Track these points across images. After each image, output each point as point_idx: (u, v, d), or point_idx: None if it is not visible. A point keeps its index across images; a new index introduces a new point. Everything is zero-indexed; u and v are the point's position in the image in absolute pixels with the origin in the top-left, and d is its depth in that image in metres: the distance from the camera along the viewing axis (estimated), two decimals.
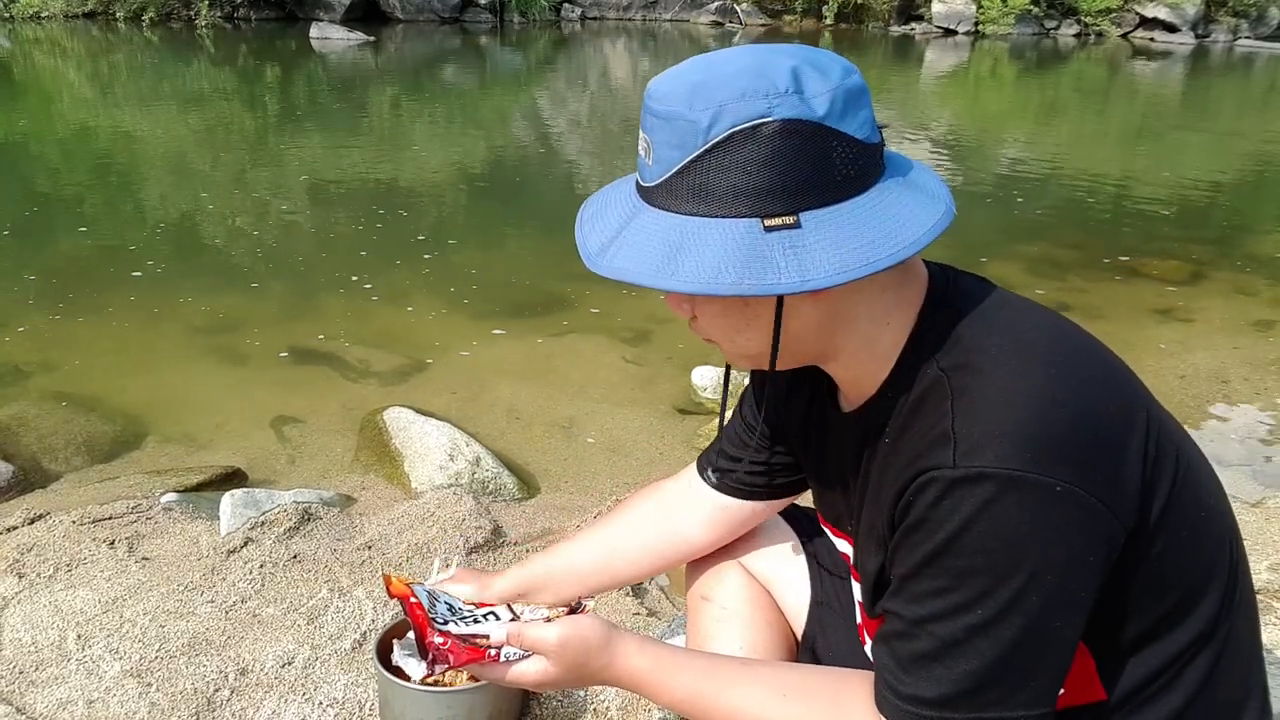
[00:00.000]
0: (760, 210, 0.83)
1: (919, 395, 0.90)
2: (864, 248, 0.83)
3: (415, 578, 1.38)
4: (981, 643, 0.83)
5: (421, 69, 15.38)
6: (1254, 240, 6.29)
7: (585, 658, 1.06)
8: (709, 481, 1.30)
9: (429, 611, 1.18)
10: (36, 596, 2.04)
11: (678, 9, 23.69)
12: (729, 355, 1.00)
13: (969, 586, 0.83)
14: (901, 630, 0.88)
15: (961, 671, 0.84)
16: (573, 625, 1.07)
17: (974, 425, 0.83)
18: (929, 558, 0.85)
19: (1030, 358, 0.86)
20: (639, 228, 0.88)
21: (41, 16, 18.70)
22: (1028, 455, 0.80)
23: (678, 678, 1.02)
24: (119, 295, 4.49)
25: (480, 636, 1.13)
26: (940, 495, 0.83)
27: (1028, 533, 0.81)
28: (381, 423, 3.10)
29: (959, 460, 0.82)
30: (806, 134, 0.82)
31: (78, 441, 3.11)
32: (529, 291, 4.74)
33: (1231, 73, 18.96)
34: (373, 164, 7.76)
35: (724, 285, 0.82)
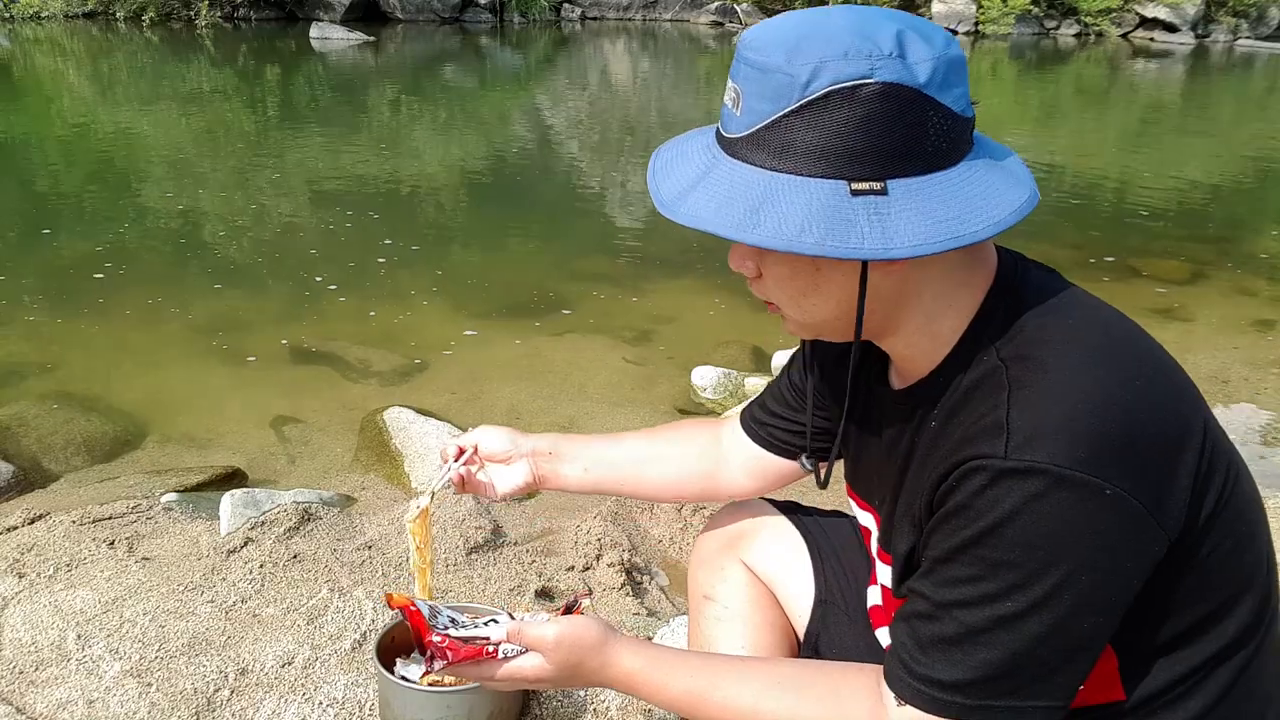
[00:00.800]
0: (848, 173, 0.81)
1: (974, 381, 0.89)
2: (949, 222, 0.82)
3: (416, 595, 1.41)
4: (1005, 634, 0.83)
5: (421, 69, 15.38)
6: (1254, 240, 6.29)
7: (580, 656, 1.06)
8: (748, 432, 1.31)
9: (429, 620, 1.21)
10: (36, 596, 2.04)
11: (678, 9, 23.69)
12: (789, 320, 0.98)
13: (1002, 578, 0.82)
14: (926, 611, 0.88)
15: (980, 659, 0.84)
16: (569, 625, 1.07)
17: (1029, 418, 0.82)
18: (965, 544, 0.84)
19: (1093, 357, 0.85)
20: (719, 178, 0.86)
21: (41, 16, 18.69)
22: (1081, 454, 0.79)
23: (672, 677, 1.02)
24: (119, 295, 4.49)
25: (480, 638, 1.14)
26: (986, 484, 0.82)
27: (1070, 532, 0.80)
28: (381, 423, 3.10)
29: (1010, 452, 0.81)
30: (905, 100, 0.81)
31: (78, 441, 3.11)
32: (529, 291, 4.74)
33: (1231, 73, 18.96)
34: (373, 164, 7.76)
35: (806, 244, 0.81)
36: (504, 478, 1.36)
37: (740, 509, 1.41)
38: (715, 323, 4.39)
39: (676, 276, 5.06)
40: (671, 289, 4.85)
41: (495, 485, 1.36)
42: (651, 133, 10.24)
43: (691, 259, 5.45)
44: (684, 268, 5.22)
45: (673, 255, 5.57)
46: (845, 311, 0.92)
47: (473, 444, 1.36)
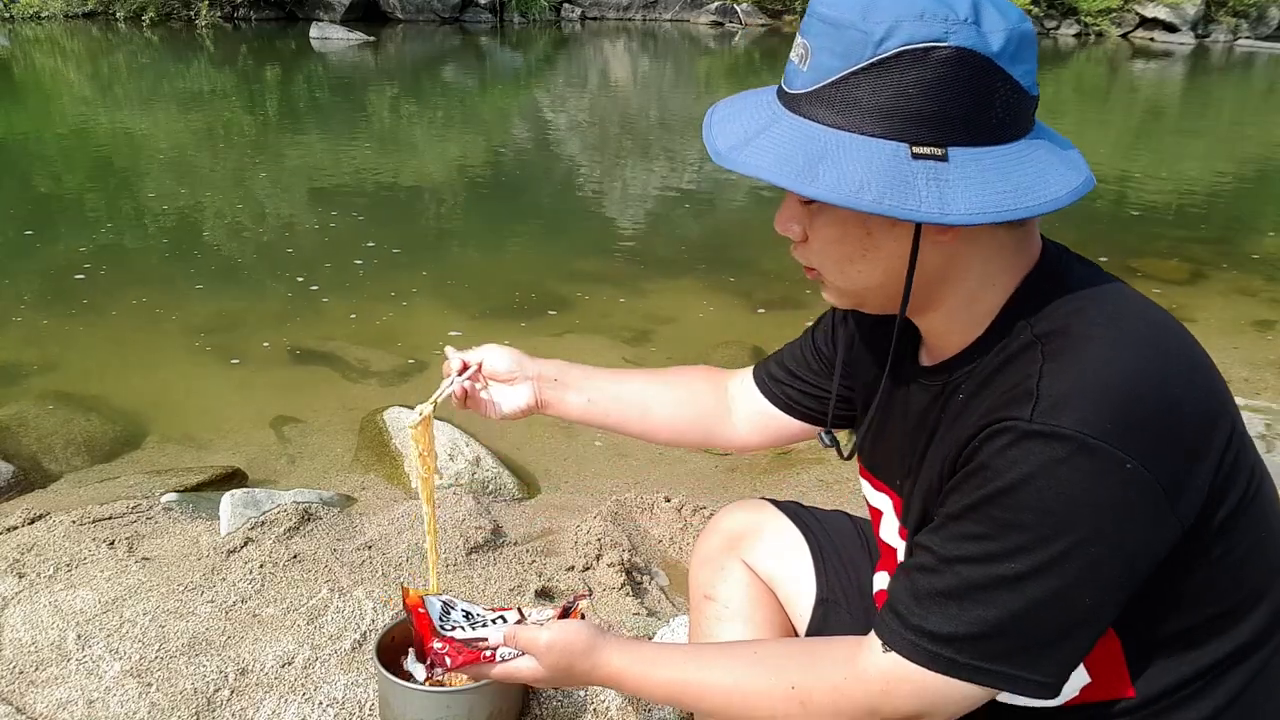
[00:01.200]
0: (910, 135, 0.82)
1: (1008, 356, 0.89)
2: (1005, 195, 0.82)
3: (429, 589, 1.44)
4: (1005, 595, 0.83)
5: (421, 69, 15.38)
6: (1254, 240, 6.29)
7: (570, 660, 1.10)
8: (761, 388, 1.31)
9: (439, 620, 1.24)
10: (36, 596, 2.04)
11: (678, 9, 23.69)
12: (830, 287, 0.98)
13: (1010, 539, 0.82)
14: (928, 565, 0.88)
15: (976, 616, 0.84)
16: (560, 630, 1.11)
17: (1059, 386, 0.82)
18: (979, 502, 0.84)
19: (1130, 339, 0.85)
20: (780, 132, 0.86)
21: (41, 16, 18.69)
22: (1108, 425, 0.79)
23: (655, 670, 1.05)
24: (119, 295, 4.49)
25: (480, 640, 1.18)
26: (1008, 445, 0.82)
27: (1085, 500, 0.80)
28: (381, 423, 3.10)
29: (1036, 415, 0.81)
30: (976, 67, 0.81)
31: (78, 441, 3.11)
32: (529, 292, 4.74)
33: (1231, 73, 18.96)
34: (373, 164, 7.76)
35: (865, 201, 0.80)
36: (506, 398, 1.33)
37: (741, 509, 1.41)
38: (714, 323, 4.39)
39: (675, 277, 5.06)
40: (670, 289, 4.85)
41: (496, 404, 1.33)
42: (651, 133, 10.24)
43: (691, 259, 5.46)
44: (683, 268, 5.22)
45: (672, 255, 5.57)
46: (890, 280, 0.92)
47: (477, 361, 1.33)
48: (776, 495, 1.40)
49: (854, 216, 0.88)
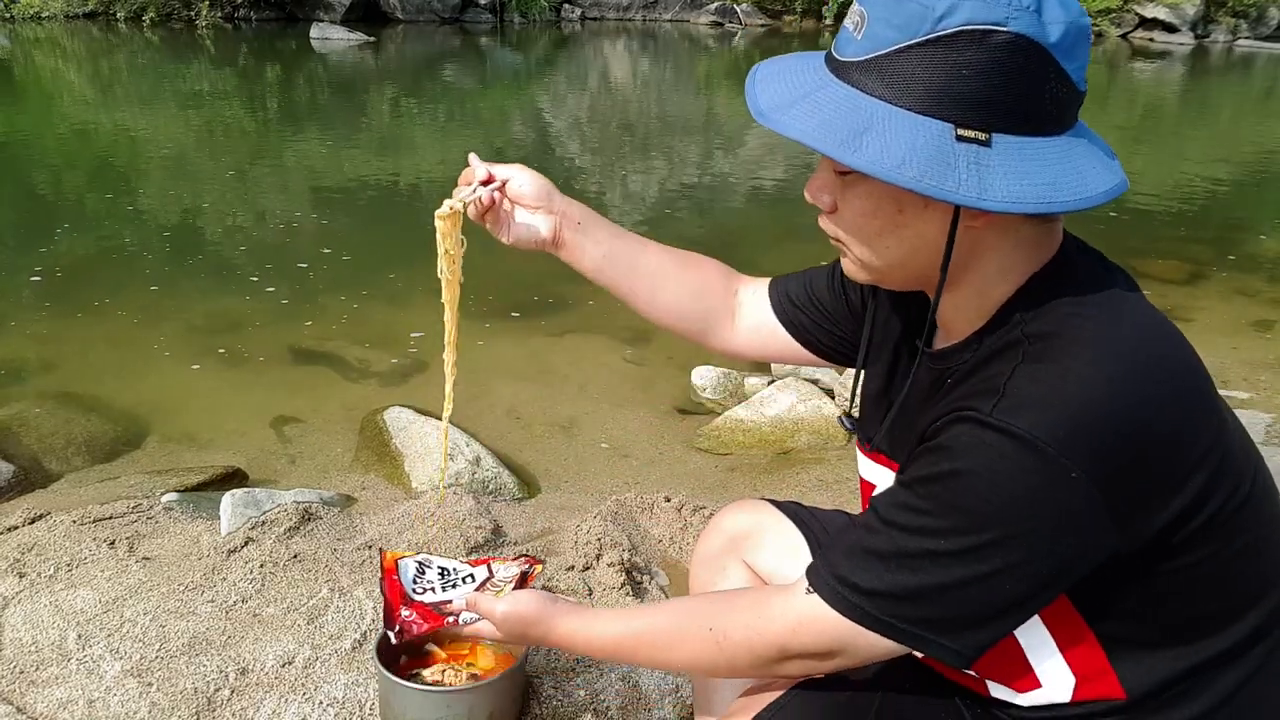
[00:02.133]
0: (956, 117, 0.82)
1: (993, 351, 0.91)
2: (1043, 187, 0.82)
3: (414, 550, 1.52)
4: (930, 567, 0.86)
5: (422, 69, 15.38)
6: (1254, 240, 6.29)
7: (524, 628, 1.19)
8: (775, 305, 1.31)
9: (410, 584, 1.33)
10: (37, 596, 2.04)
11: (677, 9, 23.70)
12: (851, 261, 0.99)
13: (946, 518, 0.85)
14: (869, 524, 0.92)
15: (898, 580, 0.88)
16: (513, 602, 1.20)
17: (1026, 389, 0.84)
18: (927, 479, 0.87)
19: (1114, 355, 0.85)
20: (826, 98, 0.86)
21: (42, 17, 18.69)
22: (1060, 433, 0.81)
23: (598, 630, 1.12)
24: (119, 295, 4.49)
25: (446, 603, 1.30)
26: (964, 434, 0.85)
27: (1024, 499, 0.82)
28: (381, 423, 3.10)
29: (995, 412, 0.83)
30: (1032, 56, 0.81)
31: (78, 441, 3.11)
32: (529, 291, 4.74)
33: (1231, 73, 18.96)
34: (373, 164, 7.76)
35: (905, 177, 0.81)
36: (525, 224, 1.27)
37: (741, 509, 1.41)
38: None
39: None
40: None
41: (514, 226, 1.27)
42: (651, 133, 10.24)
43: None
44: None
45: None
46: (912, 259, 0.93)
47: (504, 178, 1.26)
48: (776, 495, 1.40)
49: (888, 192, 0.88)
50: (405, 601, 1.28)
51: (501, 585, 1.30)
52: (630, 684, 1.79)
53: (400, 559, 1.37)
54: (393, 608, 1.28)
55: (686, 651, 1.03)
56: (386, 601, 1.30)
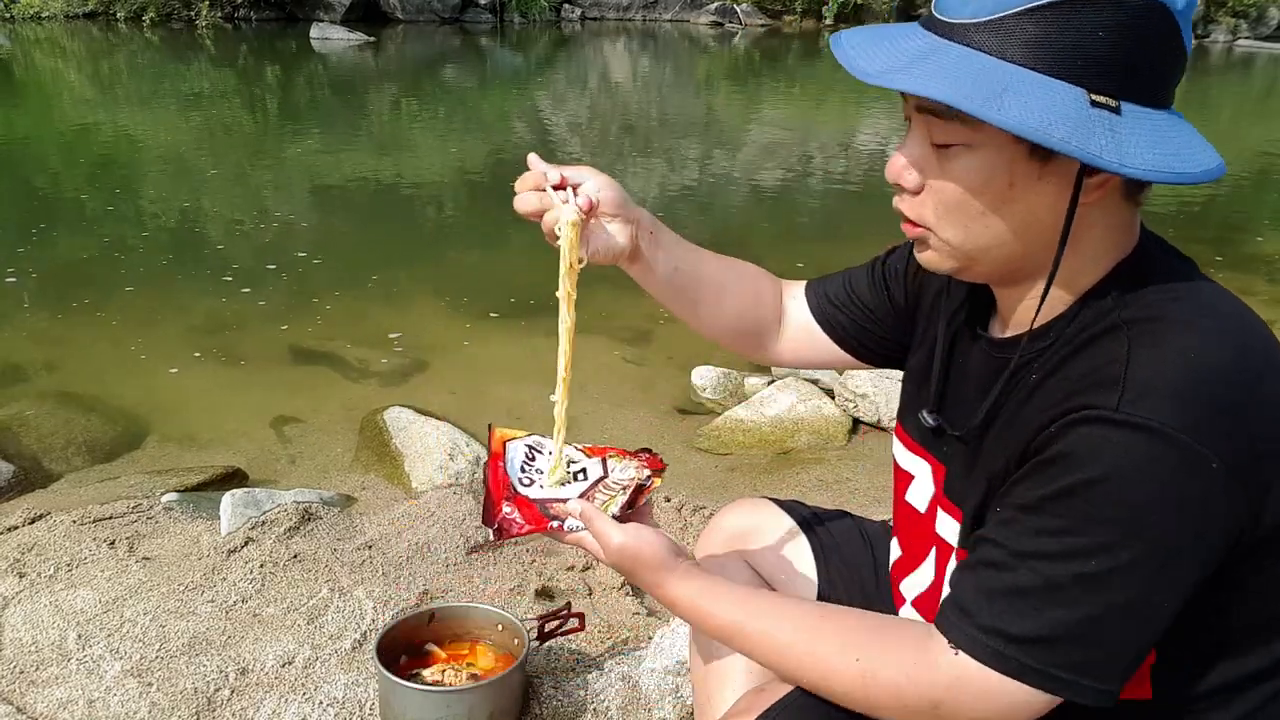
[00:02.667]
0: (1089, 82, 0.79)
1: (1088, 338, 0.85)
2: (1172, 157, 0.79)
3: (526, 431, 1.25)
4: (1085, 595, 0.79)
5: (422, 69, 15.38)
6: (1254, 240, 6.29)
7: (635, 568, 1.03)
8: (814, 308, 1.25)
9: (520, 472, 1.14)
10: (37, 596, 2.04)
11: (677, 9, 23.69)
12: (936, 246, 0.92)
13: (1092, 534, 0.78)
14: (998, 560, 0.83)
15: (1054, 618, 0.80)
16: (635, 538, 1.03)
17: (1147, 374, 0.78)
18: (1059, 494, 0.80)
19: (1222, 333, 0.82)
20: (949, 59, 0.81)
21: (42, 17, 18.69)
22: (1195, 421, 0.76)
23: (718, 608, 0.99)
24: (119, 295, 4.49)
25: (556, 501, 1.09)
26: (1090, 436, 0.78)
27: (1172, 499, 0.77)
28: (381, 423, 3.10)
29: (1123, 405, 0.77)
30: (1163, 21, 0.79)
31: (78, 441, 3.11)
32: (529, 291, 4.74)
33: (1231, 73, 18.96)
34: (373, 164, 7.76)
35: (1054, 138, 0.77)
36: (604, 234, 1.11)
37: (742, 508, 1.41)
38: None
39: None
40: None
41: (593, 239, 1.12)
42: (651, 133, 10.24)
43: None
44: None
45: None
46: (1016, 240, 0.87)
47: (576, 183, 1.09)
48: (777, 495, 1.39)
49: (1000, 165, 0.84)
50: (509, 495, 1.09)
51: (614, 491, 1.11)
52: (630, 684, 1.79)
53: (510, 440, 1.18)
54: (494, 500, 1.09)
55: (817, 673, 0.92)
56: (488, 491, 1.11)
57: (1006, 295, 0.96)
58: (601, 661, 1.88)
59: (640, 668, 1.82)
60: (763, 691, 1.13)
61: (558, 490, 1.12)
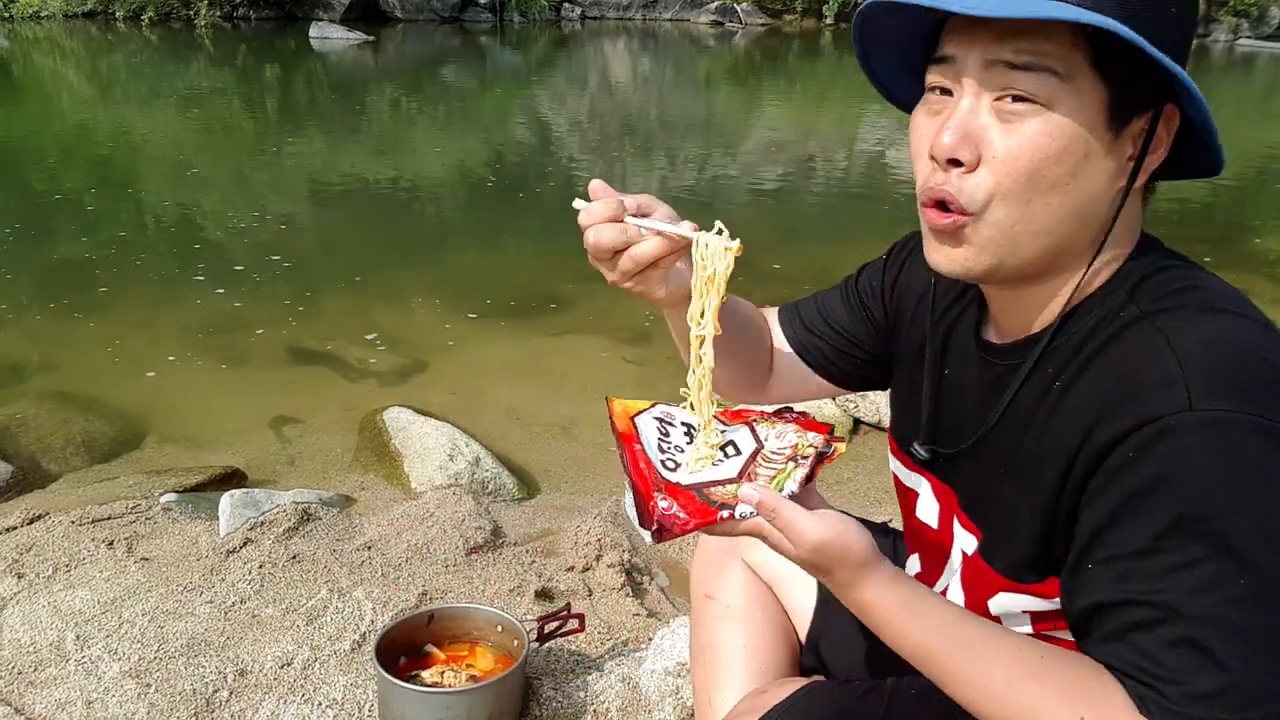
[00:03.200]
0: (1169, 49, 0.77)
1: (1112, 333, 0.82)
2: (1213, 133, 0.80)
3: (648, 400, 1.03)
4: (1260, 614, 0.71)
5: (421, 69, 15.38)
6: (1254, 240, 6.29)
7: (834, 566, 0.85)
8: (787, 334, 1.20)
9: (659, 452, 0.94)
10: (35, 597, 2.04)
11: (678, 9, 23.69)
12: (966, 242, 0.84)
13: (1232, 550, 0.71)
14: (1149, 619, 0.74)
15: (1237, 653, 0.72)
16: (840, 532, 0.84)
17: (1204, 366, 0.74)
18: (1176, 524, 0.72)
19: (1239, 311, 0.81)
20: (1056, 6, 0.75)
21: (41, 16, 18.69)
22: (1269, 398, 0.73)
23: (921, 624, 0.84)
24: (119, 295, 4.48)
25: (715, 485, 0.88)
26: (1180, 449, 0.72)
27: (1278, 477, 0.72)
28: (381, 423, 3.10)
29: (1196, 404, 0.72)
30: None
31: (77, 441, 3.10)
32: (529, 291, 4.73)
33: (1232, 72, 18.96)
34: (372, 164, 7.76)
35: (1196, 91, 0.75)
36: (677, 268, 0.98)
37: None
38: None
39: None
40: None
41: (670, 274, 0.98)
42: (651, 133, 10.24)
43: None
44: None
45: None
46: (1065, 226, 0.82)
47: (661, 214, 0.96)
48: None
49: (1078, 132, 0.78)
50: (658, 485, 0.88)
51: (777, 463, 0.91)
52: (630, 685, 1.79)
53: (637, 415, 0.98)
54: (645, 496, 0.87)
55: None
56: (633, 484, 0.89)
57: (1014, 297, 0.91)
58: (601, 663, 1.87)
59: (640, 669, 1.82)
60: (763, 693, 1.13)
61: (712, 470, 0.91)
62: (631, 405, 0.99)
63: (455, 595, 2.11)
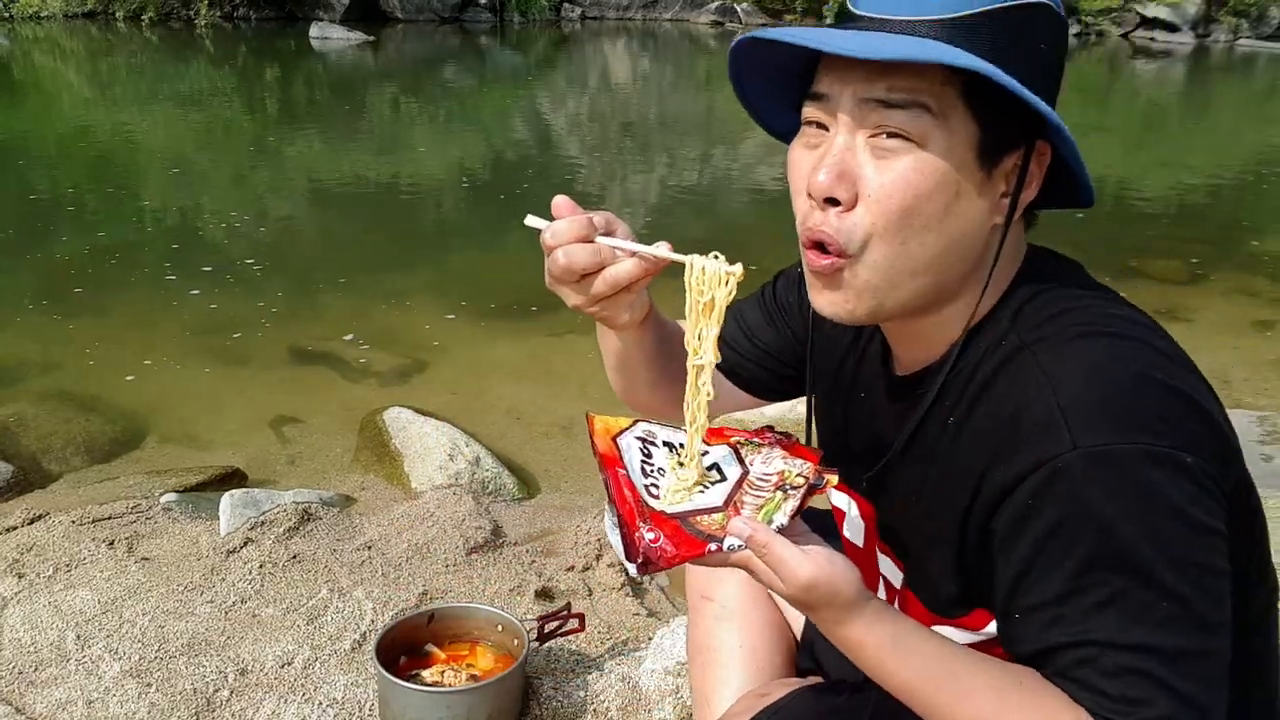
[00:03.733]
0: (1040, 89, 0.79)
1: (996, 366, 0.83)
2: (1081, 170, 0.83)
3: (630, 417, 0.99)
4: (1187, 637, 0.75)
5: (421, 69, 15.38)
6: (1254, 240, 6.28)
7: (821, 605, 0.84)
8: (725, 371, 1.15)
9: (643, 476, 0.90)
10: (36, 596, 2.04)
11: (677, 9, 23.69)
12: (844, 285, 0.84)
13: (1148, 580, 0.74)
14: (1088, 657, 0.77)
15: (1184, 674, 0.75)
16: (829, 573, 0.82)
17: (1080, 400, 0.76)
18: (1088, 563, 0.75)
19: (1117, 334, 0.81)
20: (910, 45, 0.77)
21: (41, 16, 18.69)
22: (1145, 423, 0.75)
23: (910, 661, 0.84)
24: (119, 295, 4.49)
25: (700, 514, 0.85)
26: (1073, 490, 0.75)
27: (1172, 504, 0.74)
28: (381, 423, 3.10)
29: (1080, 441, 0.75)
30: (1064, 31, 0.85)
31: (77, 441, 3.11)
32: (529, 291, 4.73)
33: (1231, 73, 18.96)
34: (372, 164, 7.76)
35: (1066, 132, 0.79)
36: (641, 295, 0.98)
37: None
38: None
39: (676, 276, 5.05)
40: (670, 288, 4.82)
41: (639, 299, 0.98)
42: (651, 133, 10.24)
43: None
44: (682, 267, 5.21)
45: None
46: (940, 263, 0.83)
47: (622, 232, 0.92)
48: None
49: (949, 169, 0.79)
50: (643, 514, 0.85)
51: (765, 491, 0.88)
52: (630, 685, 1.79)
53: (619, 435, 0.94)
54: (628, 524, 0.84)
55: None
56: (617, 512, 0.85)
57: (905, 331, 0.92)
58: (601, 662, 1.87)
59: (640, 668, 1.82)
60: (763, 695, 1.13)
61: (698, 497, 0.87)
62: (613, 423, 0.95)
63: (455, 595, 2.11)
